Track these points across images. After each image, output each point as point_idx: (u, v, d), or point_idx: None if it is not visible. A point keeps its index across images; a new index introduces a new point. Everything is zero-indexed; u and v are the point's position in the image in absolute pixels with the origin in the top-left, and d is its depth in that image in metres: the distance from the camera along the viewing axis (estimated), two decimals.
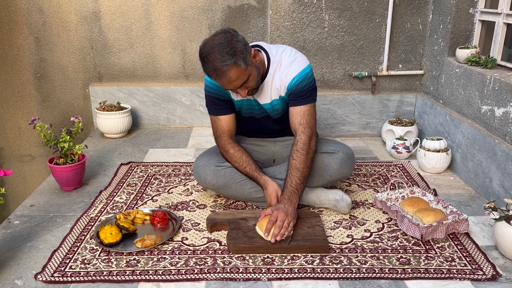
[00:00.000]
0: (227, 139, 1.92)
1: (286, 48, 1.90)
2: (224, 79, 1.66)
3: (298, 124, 1.83)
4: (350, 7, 2.72)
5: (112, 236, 1.63)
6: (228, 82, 1.68)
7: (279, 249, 1.61)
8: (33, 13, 2.84)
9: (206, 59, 1.66)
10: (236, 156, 1.89)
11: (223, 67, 1.63)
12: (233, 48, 1.64)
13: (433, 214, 1.72)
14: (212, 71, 1.66)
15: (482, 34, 2.46)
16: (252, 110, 1.97)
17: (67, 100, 3.04)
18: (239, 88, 1.73)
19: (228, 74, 1.65)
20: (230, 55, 1.63)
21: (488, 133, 2.07)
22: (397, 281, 1.47)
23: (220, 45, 1.64)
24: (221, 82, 1.69)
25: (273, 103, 1.92)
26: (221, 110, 1.92)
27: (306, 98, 1.85)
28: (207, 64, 1.66)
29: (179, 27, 2.94)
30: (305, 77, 1.83)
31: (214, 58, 1.63)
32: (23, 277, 1.49)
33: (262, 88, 1.88)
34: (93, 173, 2.34)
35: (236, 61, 1.64)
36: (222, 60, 1.62)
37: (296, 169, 1.76)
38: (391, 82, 2.89)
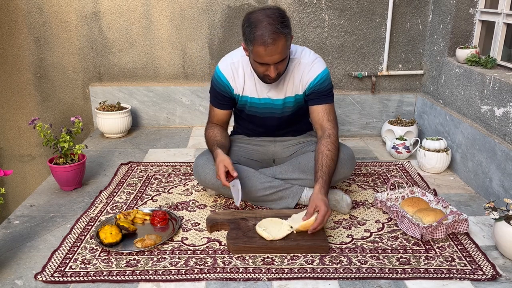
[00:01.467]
0: (213, 125, 2.02)
1: (304, 48, 1.95)
2: (271, 49, 1.67)
3: (327, 121, 1.91)
4: (350, 7, 2.72)
5: (112, 236, 1.63)
6: (272, 53, 1.68)
7: (279, 249, 1.61)
8: (33, 13, 2.84)
9: (260, 24, 1.66)
10: (209, 136, 1.96)
11: (275, 35, 1.65)
12: (287, 23, 1.70)
13: (433, 214, 1.72)
14: (261, 36, 1.65)
15: (482, 34, 2.46)
16: (255, 108, 1.98)
17: (67, 100, 3.04)
18: (273, 65, 1.73)
19: (280, 42, 1.67)
20: (286, 26, 1.68)
21: (488, 133, 2.07)
22: (397, 281, 1.47)
23: (277, 14, 1.68)
24: (266, 51, 1.68)
25: (286, 100, 1.95)
26: (220, 105, 2.00)
27: (329, 97, 1.94)
28: (258, 28, 1.66)
29: (179, 27, 2.94)
30: (326, 77, 1.92)
31: (267, 23, 1.65)
32: (23, 277, 1.49)
33: (278, 84, 1.90)
34: (93, 173, 2.34)
35: (286, 35, 1.69)
36: (279, 27, 1.66)
37: (332, 160, 1.82)
38: (391, 82, 2.89)
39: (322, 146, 1.84)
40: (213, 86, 1.98)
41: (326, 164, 1.80)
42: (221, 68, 1.94)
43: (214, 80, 1.97)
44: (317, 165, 1.81)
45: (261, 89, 1.93)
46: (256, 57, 1.73)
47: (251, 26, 1.68)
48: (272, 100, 1.95)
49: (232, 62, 1.92)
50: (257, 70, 1.80)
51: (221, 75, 1.93)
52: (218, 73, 1.94)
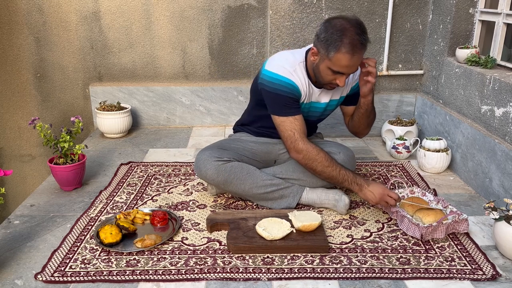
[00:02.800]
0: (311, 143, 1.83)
1: None
2: (356, 59, 1.68)
3: None
4: (350, 7, 2.72)
5: (112, 236, 1.63)
6: (354, 64, 1.70)
7: (279, 249, 1.61)
8: (33, 13, 2.84)
9: (348, 32, 1.66)
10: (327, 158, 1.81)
11: (362, 46, 1.67)
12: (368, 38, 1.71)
13: (433, 214, 1.72)
14: (350, 45, 1.65)
15: (482, 34, 2.46)
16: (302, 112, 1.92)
17: (67, 100, 3.04)
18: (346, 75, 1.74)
19: (362, 53, 1.69)
20: (367, 40, 1.70)
21: (488, 133, 2.07)
22: (397, 281, 1.47)
23: (360, 26, 1.69)
24: (350, 61, 1.68)
25: (330, 103, 1.96)
26: (296, 111, 1.84)
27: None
28: (345, 36, 1.65)
29: (179, 27, 2.94)
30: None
31: (355, 33, 1.66)
32: (23, 277, 1.49)
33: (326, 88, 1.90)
34: (93, 173, 2.34)
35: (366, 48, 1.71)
36: (362, 40, 1.67)
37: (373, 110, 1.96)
38: (391, 82, 2.89)
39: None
40: (283, 95, 1.80)
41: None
42: (287, 75, 1.80)
43: (282, 88, 1.80)
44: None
45: (314, 94, 1.91)
46: (333, 64, 1.70)
47: (338, 32, 1.66)
48: (317, 103, 1.95)
49: (294, 70, 1.82)
50: (326, 78, 1.77)
51: (292, 83, 1.80)
52: (285, 80, 1.80)
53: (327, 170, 1.81)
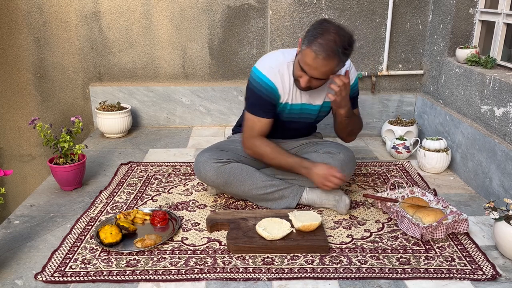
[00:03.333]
0: (263, 140, 1.90)
1: None
2: (319, 62, 1.66)
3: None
4: (350, 7, 2.72)
5: (112, 236, 1.63)
6: (316, 67, 1.68)
7: (279, 249, 1.61)
8: (33, 13, 2.84)
9: (324, 32, 1.65)
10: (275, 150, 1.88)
11: (331, 54, 1.64)
12: (349, 53, 1.69)
13: (433, 214, 1.72)
14: (320, 45, 1.63)
15: (482, 34, 2.46)
16: (293, 114, 1.95)
17: (67, 100, 3.04)
18: (308, 77, 1.73)
19: (326, 63, 1.66)
20: (344, 54, 1.67)
21: (488, 133, 2.07)
22: (397, 281, 1.47)
23: (346, 39, 1.67)
24: (313, 61, 1.67)
25: (324, 105, 1.96)
26: (267, 113, 1.88)
27: (357, 100, 2.04)
28: (322, 37, 1.64)
29: (179, 27, 2.94)
30: (358, 82, 1.98)
31: (333, 40, 1.63)
32: (23, 277, 1.49)
33: (318, 90, 1.89)
34: (93, 173, 2.34)
35: (340, 62, 1.68)
36: (336, 50, 1.63)
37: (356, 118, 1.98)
38: (391, 82, 2.89)
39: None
40: (258, 94, 1.84)
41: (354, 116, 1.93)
42: (268, 75, 1.83)
43: (260, 87, 1.83)
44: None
45: (302, 95, 1.90)
46: (302, 59, 1.72)
47: (318, 31, 1.67)
48: (309, 105, 1.94)
49: (278, 70, 1.84)
50: (296, 71, 1.79)
51: (270, 82, 1.83)
52: (265, 79, 1.83)
53: (273, 161, 1.90)
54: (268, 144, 1.89)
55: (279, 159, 1.88)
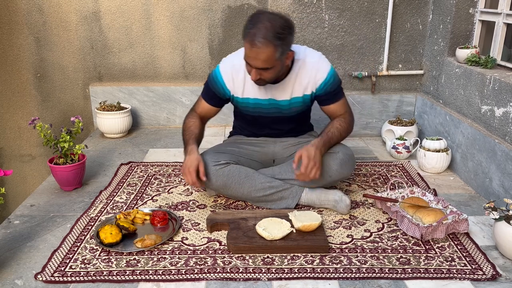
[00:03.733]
0: (195, 114, 2.04)
1: (306, 47, 1.96)
2: (255, 51, 1.66)
3: (344, 112, 2.00)
4: (350, 7, 2.72)
5: (112, 236, 1.63)
6: (255, 56, 1.68)
7: (279, 249, 1.61)
8: (33, 13, 2.84)
9: (255, 22, 1.66)
10: (188, 124, 1.99)
11: (264, 40, 1.64)
12: (284, 36, 1.68)
13: (433, 214, 1.72)
14: (252, 35, 1.65)
15: (482, 34, 2.46)
16: (261, 109, 1.98)
17: (67, 100, 3.04)
18: (255, 69, 1.73)
19: (262, 50, 1.65)
20: (277, 38, 1.65)
21: (488, 133, 2.07)
22: (397, 281, 1.47)
23: (277, 23, 1.66)
24: (250, 52, 1.69)
25: (292, 101, 1.95)
26: (209, 99, 2.02)
27: (340, 93, 1.98)
28: (254, 27, 1.66)
29: (179, 27, 2.94)
30: (334, 75, 1.94)
31: (263, 27, 1.64)
32: (23, 277, 1.49)
33: (283, 85, 1.90)
34: (93, 173, 2.34)
35: (277, 46, 1.66)
36: (268, 35, 1.64)
37: (338, 131, 1.90)
38: (391, 82, 2.89)
39: (334, 121, 1.94)
40: (208, 81, 2.00)
41: (331, 131, 1.88)
42: (221, 68, 1.95)
43: (211, 77, 1.98)
44: (324, 128, 1.90)
45: (265, 89, 1.92)
46: (244, 53, 1.75)
47: (250, 22, 1.69)
48: (277, 101, 1.94)
49: (233, 64, 1.91)
50: (246, 68, 1.82)
51: (219, 75, 1.94)
52: (217, 72, 1.95)
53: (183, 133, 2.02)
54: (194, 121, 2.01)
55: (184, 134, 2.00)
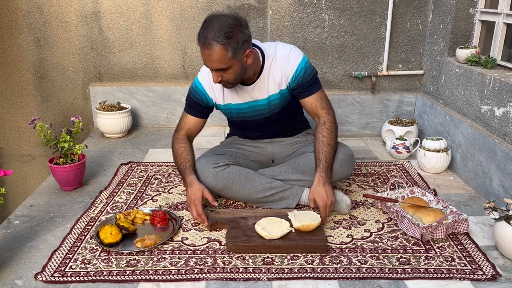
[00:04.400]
0: (182, 135, 1.97)
1: (278, 42, 1.93)
2: (206, 53, 1.68)
3: (320, 109, 1.90)
4: (350, 7, 2.72)
5: (112, 236, 1.63)
6: (207, 58, 1.69)
7: (277, 248, 1.61)
8: (33, 13, 2.84)
9: (205, 25, 1.68)
10: (179, 151, 1.92)
11: (212, 41, 1.65)
12: (232, 34, 1.67)
13: (433, 214, 1.72)
14: (202, 38, 1.67)
15: (482, 34, 2.46)
16: (243, 113, 1.97)
17: (67, 100, 3.04)
18: (214, 71, 1.73)
19: (212, 50, 1.66)
20: (225, 36, 1.65)
21: (488, 133, 2.07)
22: (397, 281, 1.47)
23: (224, 23, 1.67)
24: (203, 54, 1.70)
25: (270, 98, 1.92)
26: (193, 111, 1.98)
27: (315, 85, 1.90)
28: (203, 30, 1.68)
29: (179, 27, 2.94)
30: (306, 66, 1.87)
31: (211, 28, 1.66)
32: (23, 277, 1.49)
33: (258, 84, 1.89)
34: (93, 173, 2.34)
35: (226, 45, 1.66)
36: (216, 35, 1.64)
37: (328, 145, 1.83)
38: (391, 82, 2.89)
39: (318, 134, 1.87)
40: (189, 94, 1.98)
41: (322, 151, 1.82)
42: (200, 78, 1.94)
43: (192, 89, 1.96)
44: (315, 153, 1.84)
45: (243, 93, 1.91)
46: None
47: (202, 27, 1.70)
48: (256, 101, 1.93)
49: (209, 72, 1.88)
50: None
51: (199, 84, 1.93)
52: (197, 82, 1.94)
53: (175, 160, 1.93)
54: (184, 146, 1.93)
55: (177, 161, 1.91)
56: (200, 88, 1.93)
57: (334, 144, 1.86)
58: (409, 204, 1.84)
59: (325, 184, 1.76)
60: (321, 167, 1.80)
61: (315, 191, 1.75)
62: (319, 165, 1.80)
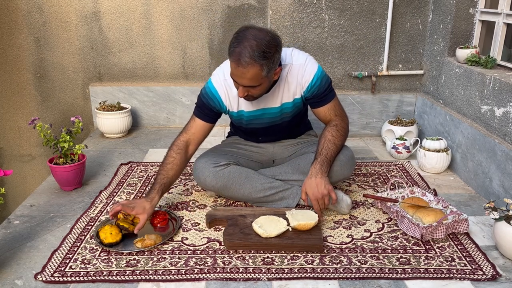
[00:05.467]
0: (183, 141, 1.87)
1: (293, 49, 1.90)
2: (240, 70, 1.62)
3: (334, 116, 1.91)
4: (350, 7, 2.72)
5: (112, 236, 1.63)
6: (240, 75, 1.64)
7: (274, 247, 1.62)
8: (33, 13, 2.84)
9: (241, 40, 1.62)
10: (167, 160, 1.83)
11: (249, 60, 1.59)
12: (271, 54, 1.63)
13: (433, 214, 1.72)
14: (237, 54, 1.61)
15: (482, 34, 2.46)
16: (254, 120, 1.94)
17: (67, 100, 3.04)
18: (242, 86, 1.70)
19: (248, 69, 1.61)
20: (263, 57, 1.61)
21: (488, 133, 2.07)
22: (397, 281, 1.47)
23: (262, 41, 1.61)
24: (235, 71, 1.65)
25: (283, 107, 1.91)
26: (203, 116, 1.90)
27: (330, 94, 1.90)
28: (237, 45, 1.61)
29: (179, 27, 2.94)
30: (322, 76, 1.87)
31: (249, 45, 1.60)
32: (23, 277, 1.49)
33: (272, 93, 1.86)
34: (93, 173, 2.34)
35: (263, 66, 1.62)
36: (253, 54, 1.59)
37: (334, 144, 1.82)
38: (391, 82, 2.89)
39: (326, 132, 1.86)
40: (201, 98, 1.89)
41: (326, 147, 1.81)
42: (215, 83, 1.87)
43: (205, 93, 1.88)
44: (317, 147, 1.83)
45: (257, 101, 1.86)
46: (230, 71, 1.71)
47: (235, 39, 1.64)
48: (269, 109, 1.91)
49: (224, 79, 1.85)
50: (234, 84, 1.76)
51: (214, 90, 1.86)
52: (211, 87, 1.87)
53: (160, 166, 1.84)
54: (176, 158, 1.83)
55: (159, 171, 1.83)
56: (215, 94, 1.86)
57: (340, 145, 1.86)
58: (409, 204, 1.84)
59: (317, 176, 1.73)
60: (318, 160, 1.78)
61: (306, 183, 1.74)
62: (316, 158, 1.79)
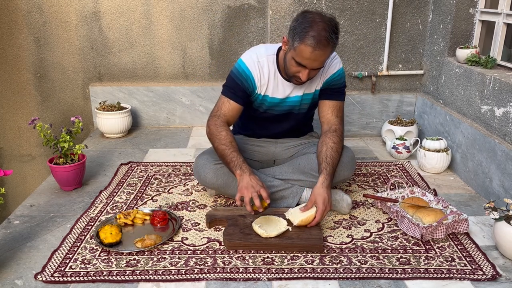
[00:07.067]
0: (223, 121, 1.87)
1: None
2: (317, 53, 1.65)
3: (335, 117, 1.93)
4: (350, 7, 2.72)
5: (112, 236, 1.63)
6: (315, 58, 1.67)
7: (273, 247, 1.62)
8: (33, 13, 2.84)
9: (316, 25, 1.64)
10: (227, 139, 1.82)
11: (326, 42, 1.64)
12: (338, 36, 1.70)
13: (433, 214, 1.72)
14: (317, 36, 1.62)
15: (482, 34, 2.46)
16: (274, 106, 1.95)
17: (67, 100, 3.04)
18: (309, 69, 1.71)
19: (327, 51, 1.67)
20: (336, 38, 1.68)
21: (488, 133, 2.07)
22: (397, 281, 1.47)
23: (335, 24, 1.67)
24: (312, 54, 1.65)
25: (304, 97, 1.94)
26: (235, 97, 1.88)
27: (342, 94, 1.96)
28: (316, 29, 1.63)
29: (179, 27, 2.94)
30: (343, 75, 1.94)
31: (323, 28, 1.63)
32: (23, 277, 1.49)
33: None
34: (93, 173, 2.34)
35: (335, 45, 1.69)
36: (333, 37, 1.65)
37: (336, 152, 1.84)
38: (391, 82, 2.89)
39: (327, 139, 1.86)
40: (233, 78, 1.88)
41: (330, 156, 1.82)
42: (248, 64, 1.86)
43: (237, 73, 1.87)
44: (321, 156, 1.82)
45: (283, 87, 1.89)
46: (297, 55, 1.69)
47: (306, 24, 1.65)
48: (292, 97, 1.93)
49: (257, 61, 1.86)
50: (291, 69, 1.76)
51: (248, 70, 1.86)
52: (244, 67, 1.86)
53: (221, 147, 1.82)
54: (223, 130, 1.84)
55: (226, 147, 1.81)
56: (249, 74, 1.86)
57: (341, 152, 1.89)
58: (409, 204, 1.84)
59: (328, 188, 1.75)
60: (328, 171, 1.78)
61: (317, 192, 1.73)
62: (326, 169, 1.79)
